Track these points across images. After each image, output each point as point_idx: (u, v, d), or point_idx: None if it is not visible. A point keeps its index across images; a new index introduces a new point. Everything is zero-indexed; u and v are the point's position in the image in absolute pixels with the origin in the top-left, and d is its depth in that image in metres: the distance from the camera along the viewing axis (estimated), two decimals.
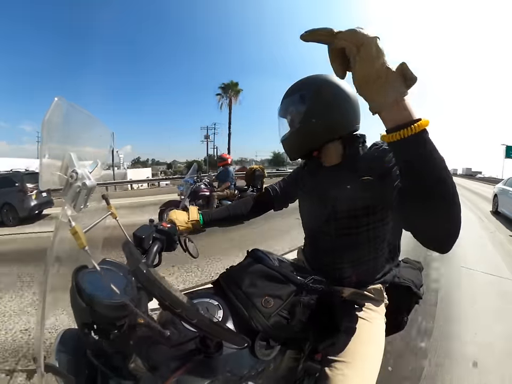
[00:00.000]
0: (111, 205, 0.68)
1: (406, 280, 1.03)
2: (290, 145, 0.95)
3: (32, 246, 4.60)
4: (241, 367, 0.62)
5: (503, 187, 7.34)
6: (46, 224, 6.52)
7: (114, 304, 0.50)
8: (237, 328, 0.67)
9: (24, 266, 3.53)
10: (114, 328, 0.53)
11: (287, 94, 0.92)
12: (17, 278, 3.18)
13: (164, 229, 0.83)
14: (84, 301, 0.50)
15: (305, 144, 0.90)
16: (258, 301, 0.70)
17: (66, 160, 0.48)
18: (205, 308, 0.70)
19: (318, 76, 0.87)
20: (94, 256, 0.47)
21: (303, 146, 0.91)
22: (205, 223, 1.00)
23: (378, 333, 0.87)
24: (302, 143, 0.90)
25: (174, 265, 3.32)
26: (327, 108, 0.83)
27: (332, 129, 0.85)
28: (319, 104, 0.83)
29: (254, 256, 0.87)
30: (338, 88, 0.84)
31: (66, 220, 0.45)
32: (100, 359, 0.52)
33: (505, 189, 7.01)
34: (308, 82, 0.88)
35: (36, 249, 4.27)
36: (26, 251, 4.30)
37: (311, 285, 0.74)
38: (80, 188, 0.48)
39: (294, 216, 3.36)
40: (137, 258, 0.51)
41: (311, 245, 1.04)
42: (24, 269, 3.46)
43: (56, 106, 0.43)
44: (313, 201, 0.96)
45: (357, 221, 0.84)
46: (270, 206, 1.14)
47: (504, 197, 6.94)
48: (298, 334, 0.71)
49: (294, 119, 0.90)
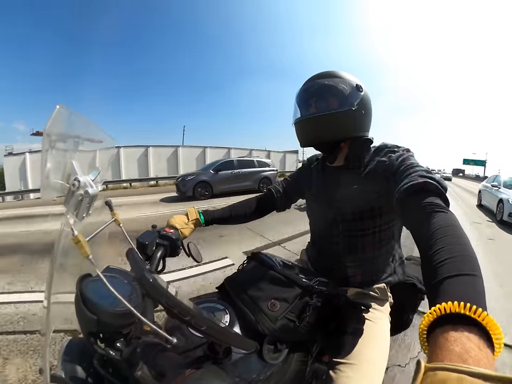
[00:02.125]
0: (114, 212, 0.67)
1: (411, 277, 1.02)
2: (323, 126, 0.86)
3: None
4: (249, 372, 0.61)
5: (485, 184, 9.06)
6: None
7: (119, 312, 0.49)
8: (244, 332, 0.66)
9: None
10: (120, 336, 0.52)
11: (328, 75, 0.88)
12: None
13: (167, 234, 0.83)
14: (89, 310, 0.49)
15: (342, 131, 0.86)
16: (264, 305, 0.70)
17: (68, 168, 0.47)
18: (211, 312, 0.70)
19: (343, 72, 0.89)
20: (98, 264, 0.47)
21: (338, 132, 0.86)
22: (206, 221, 0.99)
23: (384, 333, 0.87)
24: (339, 128, 0.85)
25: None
26: (366, 102, 0.86)
27: (363, 125, 0.87)
28: (368, 99, 0.87)
29: (258, 259, 0.87)
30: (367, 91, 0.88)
31: (69, 229, 0.45)
32: (106, 368, 0.52)
33: (487, 186, 8.69)
34: (340, 75, 0.87)
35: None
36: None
37: (316, 287, 0.74)
38: (82, 196, 0.47)
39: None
40: (142, 266, 0.50)
41: (316, 246, 1.03)
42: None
43: (57, 114, 0.43)
44: (321, 202, 0.95)
45: (363, 222, 0.84)
46: (272, 207, 1.13)
47: (486, 192, 8.67)
48: (305, 336, 0.70)
49: (344, 101, 0.84)
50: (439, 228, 0.50)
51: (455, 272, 0.40)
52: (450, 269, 0.41)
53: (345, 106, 0.83)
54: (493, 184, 8.00)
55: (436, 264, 0.43)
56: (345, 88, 0.85)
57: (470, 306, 0.32)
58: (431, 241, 0.48)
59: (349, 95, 0.84)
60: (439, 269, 0.42)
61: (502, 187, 7.48)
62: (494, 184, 7.93)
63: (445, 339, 0.31)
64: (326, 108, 0.86)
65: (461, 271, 0.40)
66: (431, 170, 0.69)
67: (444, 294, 0.38)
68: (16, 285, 2.97)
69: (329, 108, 0.86)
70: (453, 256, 0.43)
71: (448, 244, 0.45)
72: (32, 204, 9.74)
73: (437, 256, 0.45)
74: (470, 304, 0.32)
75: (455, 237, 0.47)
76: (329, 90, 0.86)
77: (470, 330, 0.31)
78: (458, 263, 0.42)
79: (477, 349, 0.30)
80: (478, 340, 0.30)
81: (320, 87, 0.87)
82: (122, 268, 0.64)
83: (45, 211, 7.28)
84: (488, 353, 0.30)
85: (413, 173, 0.67)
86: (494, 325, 0.31)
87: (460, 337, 0.31)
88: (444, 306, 0.34)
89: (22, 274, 3.21)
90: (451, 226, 0.50)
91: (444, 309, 0.33)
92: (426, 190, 0.61)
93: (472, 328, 0.31)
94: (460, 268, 0.41)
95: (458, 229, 0.49)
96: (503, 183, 7.74)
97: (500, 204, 6.76)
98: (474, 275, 0.40)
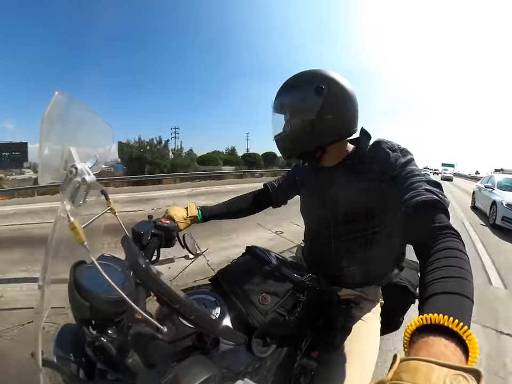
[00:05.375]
0: (110, 200, 0.67)
1: (403, 280, 1.03)
2: (293, 142, 0.86)
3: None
4: (237, 364, 0.62)
5: (479, 185, 8.71)
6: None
7: (112, 300, 0.50)
8: (234, 324, 0.67)
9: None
10: (112, 323, 0.53)
11: (289, 85, 0.85)
12: None
13: (163, 225, 0.83)
14: (82, 297, 0.50)
15: (313, 142, 0.83)
16: (255, 298, 0.70)
17: (66, 155, 0.47)
18: (202, 304, 0.70)
19: (319, 70, 0.83)
20: (93, 252, 0.47)
21: (310, 143, 0.84)
22: (203, 218, 1.00)
23: (374, 332, 0.88)
24: (309, 140, 0.83)
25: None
26: (342, 104, 0.81)
27: (335, 128, 0.82)
28: (335, 100, 0.79)
29: (252, 253, 0.87)
30: (346, 86, 0.82)
31: (65, 215, 0.45)
32: (97, 355, 0.52)
33: (480, 187, 8.36)
34: (313, 76, 0.81)
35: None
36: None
37: (307, 282, 0.74)
38: (79, 183, 0.47)
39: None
40: (136, 254, 0.51)
41: (309, 244, 1.04)
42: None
43: (56, 100, 0.43)
44: (313, 201, 0.95)
45: (356, 223, 0.84)
46: (268, 203, 1.14)
47: (479, 194, 8.34)
48: (295, 331, 0.71)
49: (302, 113, 0.81)
50: (444, 249, 0.52)
51: (448, 290, 0.43)
52: (443, 287, 0.44)
53: (306, 117, 0.80)
54: (487, 185, 7.61)
55: (432, 281, 0.46)
56: (303, 97, 0.80)
57: (452, 320, 0.35)
58: (433, 260, 0.50)
59: (308, 104, 0.79)
60: (433, 285, 0.45)
61: (496, 188, 7.08)
62: (487, 185, 7.51)
63: (424, 342, 0.34)
64: (290, 123, 0.84)
65: (453, 290, 0.43)
66: (434, 170, 0.69)
67: (432, 307, 0.41)
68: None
69: (292, 123, 0.83)
70: (450, 276, 0.45)
71: (448, 266, 0.48)
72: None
73: (434, 274, 0.47)
74: (453, 318, 0.35)
75: (458, 261, 0.49)
76: (289, 106, 0.84)
77: (450, 340, 0.34)
78: (453, 283, 0.44)
79: (452, 355, 0.32)
80: (455, 348, 0.33)
81: (281, 104, 0.85)
82: (116, 256, 0.64)
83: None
84: (462, 361, 0.32)
85: (417, 183, 0.67)
86: (473, 340, 0.34)
87: (438, 343, 0.34)
88: (431, 317, 0.36)
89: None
90: (455, 250, 0.51)
91: (430, 319, 0.36)
92: (435, 207, 0.62)
93: (451, 338, 0.34)
94: (453, 287, 0.43)
95: (462, 254, 0.50)
96: (497, 184, 7.32)
97: (493, 206, 6.36)
98: (466, 297, 0.42)
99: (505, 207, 5.87)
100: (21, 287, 2.81)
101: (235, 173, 19.76)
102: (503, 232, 5.58)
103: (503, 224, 5.79)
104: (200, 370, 0.45)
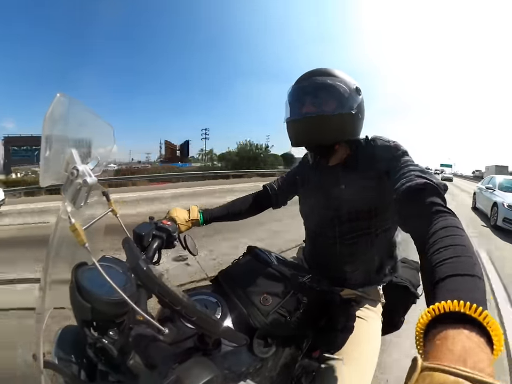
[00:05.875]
0: (111, 201, 0.67)
1: (404, 280, 1.03)
2: (317, 127, 0.81)
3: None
4: (239, 364, 0.62)
5: (480, 186, 8.60)
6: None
7: (113, 301, 0.50)
8: (236, 325, 0.67)
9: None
10: (114, 325, 0.53)
11: (328, 73, 0.82)
12: None
13: (164, 226, 0.83)
14: (84, 298, 0.49)
15: (334, 135, 0.82)
16: (257, 299, 0.70)
17: (67, 156, 0.47)
18: (203, 305, 0.70)
19: (339, 71, 0.84)
20: (94, 253, 0.47)
21: (331, 136, 0.82)
22: (205, 221, 1.00)
23: (375, 332, 0.88)
24: (332, 132, 0.81)
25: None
26: (363, 106, 0.84)
27: (359, 128, 0.85)
28: (364, 104, 0.84)
29: (253, 253, 0.87)
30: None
31: (66, 217, 0.45)
32: (99, 356, 0.52)
33: (481, 188, 8.24)
34: (338, 74, 0.82)
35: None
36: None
37: (308, 283, 0.74)
38: (80, 185, 0.48)
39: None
40: (137, 255, 0.51)
41: (311, 244, 1.04)
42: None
43: (58, 102, 0.43)
44: (317, 201, 0.95)
45: (360, 221, 0.84)
46: (268, 204, 1.13)
47: (480, 195, 8.24)
48: (296, 331, 0.71)
49: (343, 104, 0.79)
50: (441, 228, 0.49)
51: (456, 272, 0.39)
52: (451, 269, 0.40)
53: (345, 109, 0.79)
54: (488, 186, 7.47)
55: (437, 263, 0.42)
56: (345, 89, 0.79)
57: (470, 305, 0.31)
58: (433, 241, 0.47)
59: (349, 98, 0.79)
60: (439, 268, 0.41)
61: (497, 189, 6.94)
62: (488, 186, 7.39)
63: (443, 338, 0.30)
64: (323, 108, 0.80)
65: (462, 271, 0.39)
66: (435, 170, 0.69)
67: (444, 292, 0.37)
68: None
69: (327, 109, 0.80)
70: (455, 256, 0.42)
71: (450, 245, 0.45)
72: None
73: (438, 255, 0.44)
74: (470, 303, 0.31)
75: (458, 238, 0.46)
76: (328, 90, 0.80)
77: (471, 330, 0.30)
78: (460, 263, 0.41)
79: (477, 349, 0.28)
80: (479, 340, 0.29)
81: (318, 86, 0.81)
82: (117, 258, 0.64)
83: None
84: (488, 354, 0.29)
85: (409, 172, 0.67)
86: (495, 325, 0.30)
87: (459, 336, 0.29)
88: (444, 305, 0.32)
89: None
90: (454, 228, 0.49)
91: (443, 308, 0.32)
92: (426, 190, 0.60)
93: (472, 327, 0.30)
94: (461, 268, 0.40)
95: (461, 231, 0.48)
96: (498, 185, 7.19)
97: (494, 208, 6.24)
98: (476, 276, 0.39)
99: (506, 208, 5.81)
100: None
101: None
102: (504, 233, 5.52)
103: (504, 226, 5.72)
104: (201, 372, 0.45)
